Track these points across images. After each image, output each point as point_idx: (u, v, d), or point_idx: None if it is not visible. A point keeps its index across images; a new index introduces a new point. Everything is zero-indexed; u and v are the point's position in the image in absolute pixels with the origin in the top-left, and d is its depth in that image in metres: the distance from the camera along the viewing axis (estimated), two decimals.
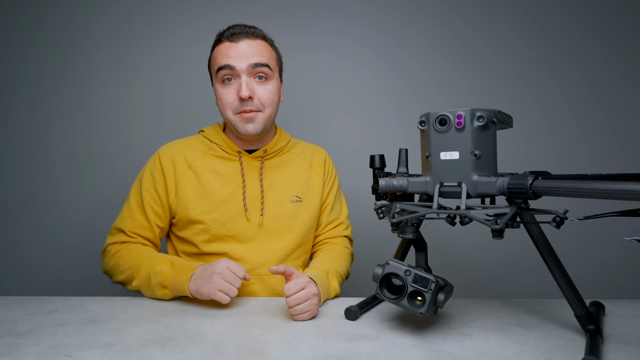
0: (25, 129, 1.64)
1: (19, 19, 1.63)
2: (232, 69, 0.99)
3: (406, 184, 0.78)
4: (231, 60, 0.99)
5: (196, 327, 0.78)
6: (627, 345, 0.71)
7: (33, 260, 1.65)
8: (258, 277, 1.05)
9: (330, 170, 1.20)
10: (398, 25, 1.65)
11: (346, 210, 1.23)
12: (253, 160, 1.08)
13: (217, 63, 1.02)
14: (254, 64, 1.00)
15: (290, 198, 1.09)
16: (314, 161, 1.17)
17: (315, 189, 1.14)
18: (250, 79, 1.01)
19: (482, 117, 0.70)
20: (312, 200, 1.12)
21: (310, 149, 1.19)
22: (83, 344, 0.71)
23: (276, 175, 1.10)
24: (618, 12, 1.64)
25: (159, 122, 1.64)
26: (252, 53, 1.00)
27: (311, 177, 1.14)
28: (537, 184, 0.65)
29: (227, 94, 1.02)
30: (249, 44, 1.01)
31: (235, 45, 1.00)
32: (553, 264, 0.73)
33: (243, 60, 0.99)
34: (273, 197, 1.07)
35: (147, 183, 1.07)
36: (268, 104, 1.03)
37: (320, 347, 0.70)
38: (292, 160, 1.14)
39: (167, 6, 1.64)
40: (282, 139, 1.14)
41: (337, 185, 1.22)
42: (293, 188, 1.10)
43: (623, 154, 1.64)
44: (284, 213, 1.08)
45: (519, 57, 1.65)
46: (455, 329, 0.78)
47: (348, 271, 1.14)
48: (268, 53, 1.04)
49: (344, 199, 1.25)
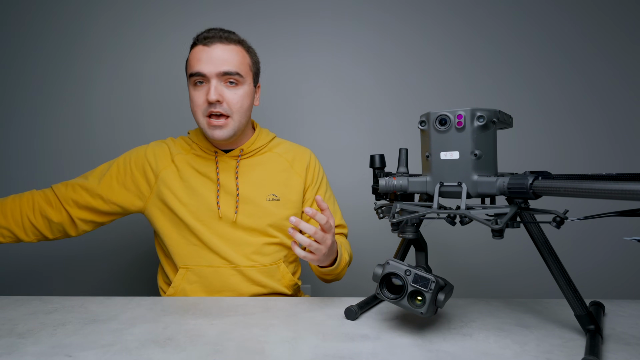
0: (25, 129, 1.64)
1: (19, 19, 1.63)
2: (202, 75, 1.01)
3: (406, 184, 0.78)
4: (202, 65, 1.01)
5: (196, 327, 0.78)
6: (627, 345, 0.71)
7: (33, 260, 1.65)
8: (237, 268, 1.06)
9: (315, 172, 1.18)
10: (398, 25, 1.65)
11: (339, 212, 1.22)
12: (229, 159, 1.10)
13: (190, 67, 1.04)
14: (224, 72, 1.01)
15: (267, 196, 1.10)
16: (296, 161, 1.16)
17: (295, 188, 1.14)
18: (220, 83, 1.02)
19: (482, 117, 0.70)
20: (290, 199, 1.12)
21: (293, 149, 1.19)
22: (83, 344, 0.71)
23: (253, 174, 1.11)
24: (618, 12, 1.64)
25: (159, 122, 1.64)
26: (223, 59, 1.01)
27: (291, 177, 1.14)
28: (537, 184, 0.65)
29: (197, 96, 1.03)
30: (221, 49, 1.02)
31: (207, 50, 1.01)
32: (553, 264, 0.73)
33: (213, 66, 1.00)
34: (248, 195, 1.08)
35: (123, 160, 1.11)
36: (237, 109, 1.04)
37: (320, 347, 0.70)
38: (271, 160, 1.14)
39: (167, 7, 1.64)
40: (260, 138, 1.14)
41: (325, 186, 1.21)
42: (270, 187, 1.11)
43: (623, 154, 1.64)
44: (259, 211, 1.08)
45: (519, 57, 1.65)
46: (455, 329, 0.78)
47: (351, 255, 1.16)
48: (240, 59, 1.04)
49: (336, 201, 1.24)
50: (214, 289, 1.07)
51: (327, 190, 1.22)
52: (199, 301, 0.94)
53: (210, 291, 1.07)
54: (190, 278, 1.07)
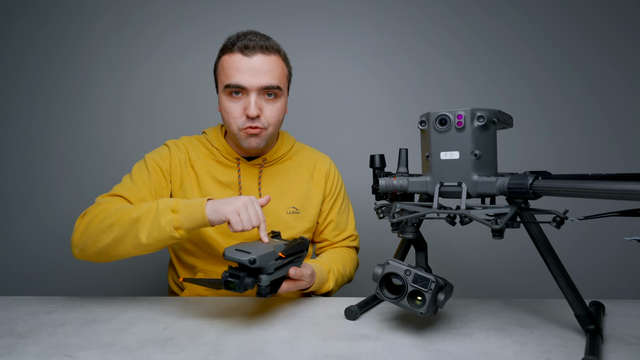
0: (25, 129, 1.64)
1: (19, 20, 1.63)
2: (242, 88, 0.96)
3: (406, 184, 0.78)
4: (243, 78, 0.95)
5: (196, 327, 0.78)
6: (627, 345, 0.71)
7: (33, 260, 1.65)
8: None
9: (334, 183, 1.15)
10: (398, 26, 1.65)
11: (353, 222, 1.19)
12: (251, 168, 1.06)
13: (226, 76, 0.97)
14: (265, 86, 0.96)
15: (287, 209, 1.07)
16: (316, 171, 1.13)
17: (314, 200, 1.11)
18: (259, 98, 0.97)
19: (482, 117, 0.70)
20: (310, 212, 1.10)
21: (314, 158, 1.15)
22: (83, 344, 0.71)
23: (275, 184, 1.07)
24: (618, 13, 1.64)
25: (159, 123, 1.64)
26: (264, 71, 0.96)
27: (311, 188, 1.11)
28: (537, 184, 0.65)
29: (233, 108, 0.98)
30: (262, 60, 0.96)
31: (248, 60, 0.95)
32: (553, 264, 0.73)
33: (255, 80, 0.95)
34: (269, 207, 1.05)
35: (153, 161, 1.03)
36: (274, 123, 1.00)
37: (320, 347, 0.70)
38: (292, 170, 1.11)
39: (167, 8, 1.64)
40: (283, 145, 1.11)
41: (342, 198, 1.17)
42: (291, 199, 1.08)
43: (623, 154, 1.64)
44: (279, 225, 1.06)
45: (519, 57, 1.65)
46: (455, 329, 0.78)
47: (351, 274, 1.13)
48: (280, 70, 0.99)
49: (351, 210, 1.21)
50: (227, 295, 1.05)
51: (344, 201, 1.19)
52: (199, 301, 0.94)
53: None
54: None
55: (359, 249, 1.23)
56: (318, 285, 0.95)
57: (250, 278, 0.74)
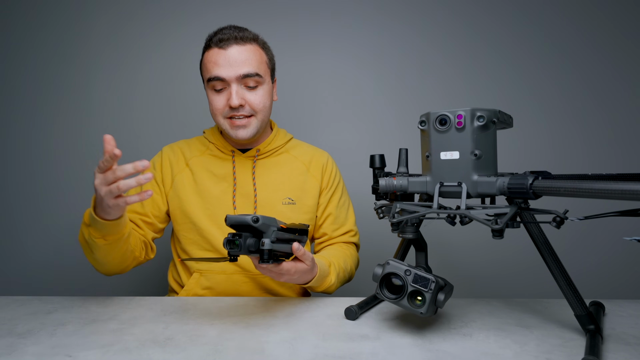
0: (26, 129, 1.64)
1: (19, 20, 1.63)
2: (221, 80, 0.99)
3: (406, 184, 0.78)
4: (220, 70, 0.99)
5: (196, 327, 0.78)
6: (627, 345, 0.71)
7: (33, 260, 1.65)
8: (250, 276, 1.06)
9: (332, 176, 1.16)
10: (398, 26, 1.65)
11: (353, 218, 1.19)
12: (246, 160, 1.09)
13: (207, 71, 1.02)
14: (244, 75, 0.99)
15: (283, 200, 1.08)
16: (313, 164, 1.14)
17: (311, 192, 1.12)
18: (240, 87, 1.01)
19: (482, 117, 0.70)
20: (306, 203, 1.11)
21: (311, 152, 1.16)
22: (83, 344, 0.71)
23: (270, 176, 1.09)
24: (618, 13, 1.64)
25: (160, 122, 1.64)
26: (241, 61, 0.99)
27: (307, 180, 1.12)
28: (537, 184, 0.65)
29: (217, 100, 1.02)
30: (238, 50, 0.99)
31: (224, 53, 0.99)
32: (553, 264, 0.73)
33: (232, 70, 0.99)
34: (265, 197, 1.07)
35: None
36: (260, 109, 1.03)
37: (320, 347, 0.70)
38: (288, 162, 1.12)
39: (167, 7, 1.64)
40: (278, 138, 1.13)
41: (340, 192, 1.18)
42: (286, 190, 1.09)
43: (623, 154, 1.64)
44: (274, 215, 1.05)
45: (519, 57, 1.65)
46: (455, 329, 0.78)
47: (352, 271, 1.13)
48: (258, 58, 1.02)
49: (351, 206, 1.21)
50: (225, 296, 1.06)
51: (343, 196, 1.19)
52: (199, 301, 0.94)
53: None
54: (203, 283, 1.07)
55: (360, 246, 1.23)
56: (320, 278, 0.93)
57: (253, 239, 0.74)
